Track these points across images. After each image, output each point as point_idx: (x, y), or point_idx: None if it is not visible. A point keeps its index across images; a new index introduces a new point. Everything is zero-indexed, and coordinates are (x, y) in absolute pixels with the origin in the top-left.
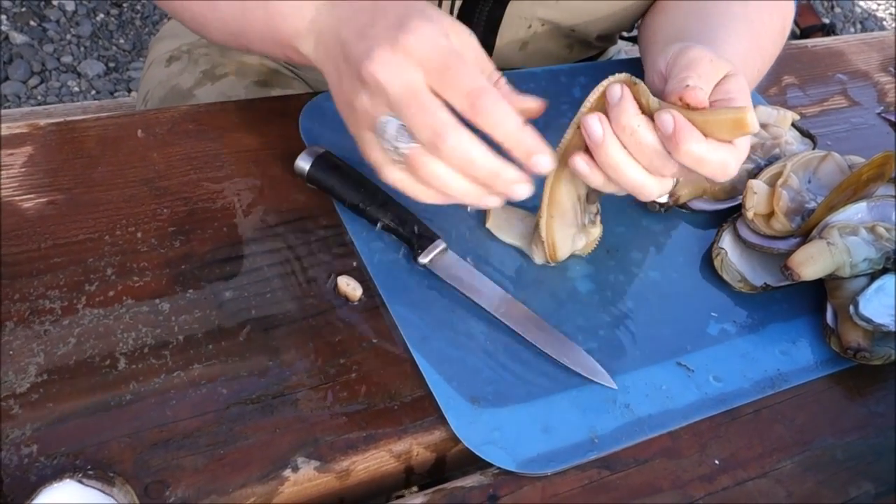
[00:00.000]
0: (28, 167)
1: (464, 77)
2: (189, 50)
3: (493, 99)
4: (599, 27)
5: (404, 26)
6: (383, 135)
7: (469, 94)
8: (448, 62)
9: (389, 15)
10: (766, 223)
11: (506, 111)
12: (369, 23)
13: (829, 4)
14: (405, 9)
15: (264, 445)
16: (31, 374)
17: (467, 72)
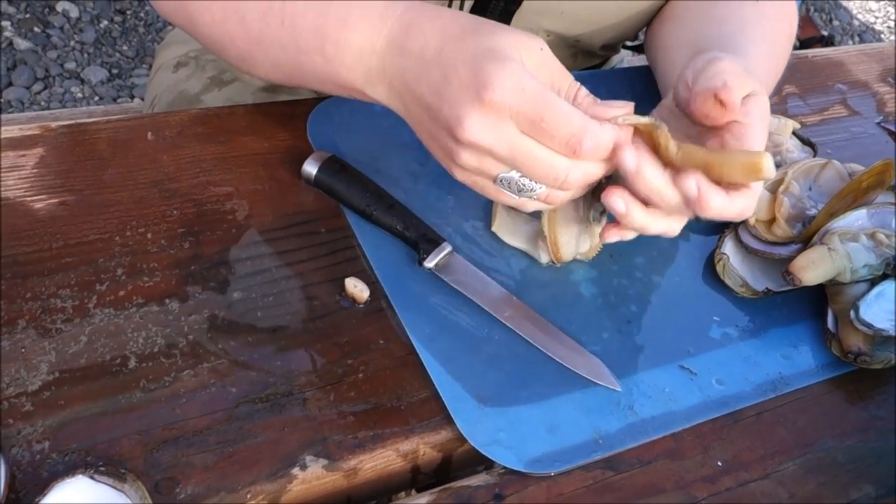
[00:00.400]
0: (40, 168)
1: (558, 126)
2: (197, 56)
3: (591, 141)
4: (603, 37)
5: (482, 81)
6: (507, 187)
7: (568, 145)
8: (538, 112)
9: (460, 69)
10: (767, 229)
11: (604, 144)
12: (442, 80)
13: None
14: (474, 57)
15: (273, 444)
16: (43, 372)
17: (559, 119)
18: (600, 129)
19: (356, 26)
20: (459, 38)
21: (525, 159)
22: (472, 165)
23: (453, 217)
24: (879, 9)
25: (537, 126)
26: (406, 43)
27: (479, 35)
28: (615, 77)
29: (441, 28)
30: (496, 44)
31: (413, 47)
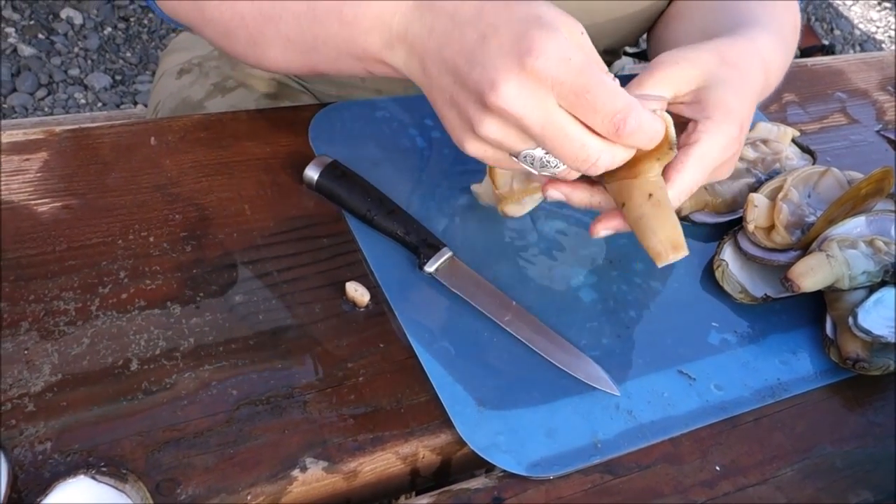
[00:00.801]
0: (44, 172)
1: (604, 101)
2: (200, 62)
3: (635, 121)
4: (604, 41)
5: (527, 46)
6: (529, 164)
7: (612, 122)
8: (584, 84)
9: (502, 30)
10: (766, 236)
11: (646, 127)
12: (478, 42)
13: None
14: (519, 21)
15: (273, 446)
16: (46, 374)
17: (606, 93)
18: (646, 112)
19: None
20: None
21: (556, 135)
22: (494, 137)
23: (453, 221)
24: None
25: (581, 99)
26: (435, 2)
27: (523, 1)
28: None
29: None
30: (543, 13)
31: (446, 5)
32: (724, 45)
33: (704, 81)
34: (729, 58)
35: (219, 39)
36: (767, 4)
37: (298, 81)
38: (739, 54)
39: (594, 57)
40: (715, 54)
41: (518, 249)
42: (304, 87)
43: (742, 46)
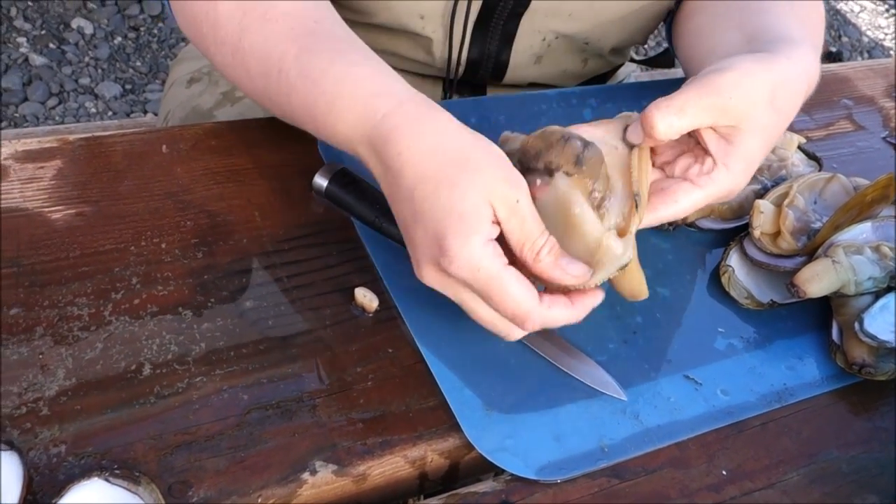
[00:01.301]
0: (57, 180)
1: (505, 306)
2: (209, 72)
3: (532, 325)
4: (612, 40)
5: (443, 250)
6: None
7: (514, 319)
8: (488, 291)
9: (427, 225)
10: (772, 242)
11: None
12: (412, 220)
13: (836, 34)
14: (439, 222)
15: (283, 449)
16: (60, 378)
17: (507, 301)
18: (548, 311)
19: (340, 116)
20: (433, 185)
21: (474, 315)
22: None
23: None
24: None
25: (487, 299)
26: (385, 156)
27: (453, 188)
28: (621, 91)
29: (418, 159)
30: (466, 208)
31: (390, 165)
32: (783, 80)
33: (744, 123)
34: (779, 100)
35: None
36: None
37: None
38: (788, 96)
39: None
40: (769, 93)
41: None
42: None
43: (795, 82)
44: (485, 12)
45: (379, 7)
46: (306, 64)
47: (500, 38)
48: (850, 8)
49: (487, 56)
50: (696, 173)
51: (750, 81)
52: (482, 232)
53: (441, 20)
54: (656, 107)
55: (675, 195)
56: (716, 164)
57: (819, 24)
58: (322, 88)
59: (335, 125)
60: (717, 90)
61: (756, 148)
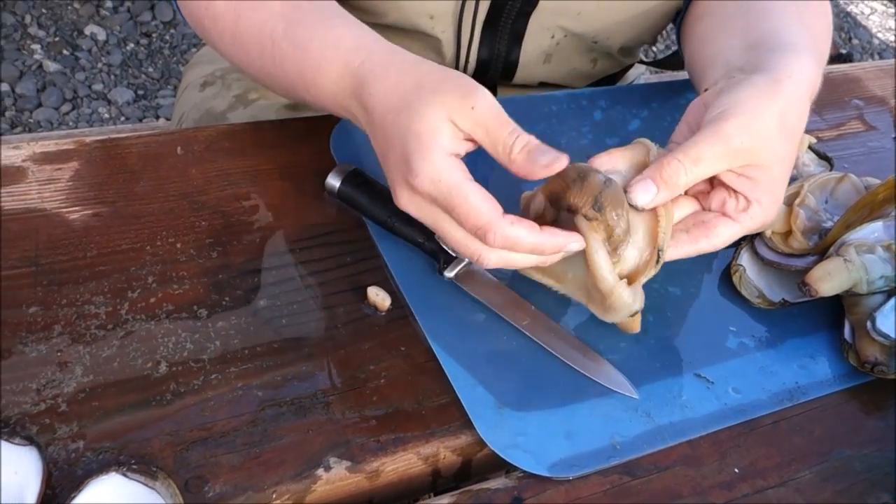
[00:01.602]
0: (74, 181)
1: (467, 217)
2: (222, 75)
3: (498, 233)
4: (621, 39)
5: (408, 166)
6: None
7: (478, 234)
8: (450, 202)
9: (395, 145)
10: (783, 241)
11: (514, 238)
12: (385, 146)
13: (846, 36)
14: (402, 140)
15: (298, 445)
16: (78, 375)
17: (468, 211)
18: (510, 227)
19: (326, 73)
20: (395, 113)
21: (445, 235)
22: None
23: None
24: None
25: (451, 213)
26: (361, 99)
27: (410, 111)
28: (631, 93)
29: (384, 95)
30: (424, 126)
31: (366, 105)
32: (788, 106)
33: (762, 160)
34: (788, 125)
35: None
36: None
37: None
38: (796, 117)
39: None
40: (778, 123)
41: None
42: None
43: (801, 101)
44: (493, 11)
45: (389, 7)
46: (294, 34)
47: (509, 37)
48: (861, 10)
49: (497, 55)
50: (734, 209)
51: (757, 123)
52: (441, 146)
53: (451, 20)
54: (673, 161)
55: (717, 229)
56: (749, 202)
57: (825, 28)
58: (310, 54)
59: (324, 84)
60: (727, 138)
61: (778, 178)
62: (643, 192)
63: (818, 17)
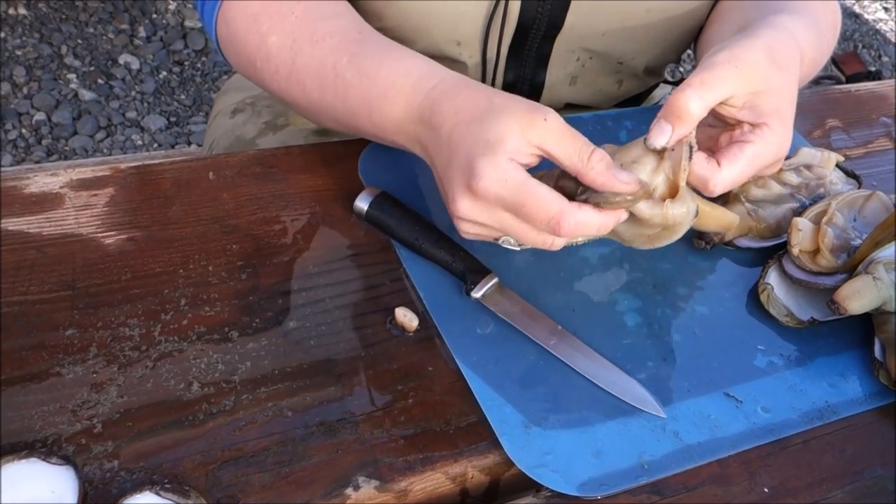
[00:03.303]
0: (110, 206)
1: (538, 210)
2: (253, 102)
3: (568, 224)
4: (646, 59)
5: (472, 171)
6: (510, 244)
7: (549, 224)
8: (519, 199)
9: (461, 155)
10: (811, 260)
11: (584, 222)
12: (448, 161)
13: (876, 54)
14: (470, 149)
15: (327, 465)
16: (113, 395)
17: (537, 205)
18: (579, 212)
19: (395, 100)
20: (465, 125)
21: (514, 233)
22: (470, 232)
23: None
24: None
25: (519, 212)
26: (430, 120)
27: (482, 123)
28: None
29: (455, 111)
30: (493, 134)
31: (434, 124)
32: (771, 43)
33: (759, 86)
34: (777, 58)
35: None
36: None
37: None
38: (784, 53)
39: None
40: (765, 54)
41: (563, 275)
42: None
43: (785, 42)
44: (519, 36)
45: (418, 35)
46: (360, 65)
47: (534, 61)
48: (890, 28)
49: (523, 78)
50: (741, 134)
51: (745, 52)
52: (508, 151)
53: (477, 45)
54: (681, 93)
55: (734, 157)
56: (756, 125)
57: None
58: (377, 81)
59: (390, 110)
60: (719, 65)
61: (782, 104)
62: (659, 133)
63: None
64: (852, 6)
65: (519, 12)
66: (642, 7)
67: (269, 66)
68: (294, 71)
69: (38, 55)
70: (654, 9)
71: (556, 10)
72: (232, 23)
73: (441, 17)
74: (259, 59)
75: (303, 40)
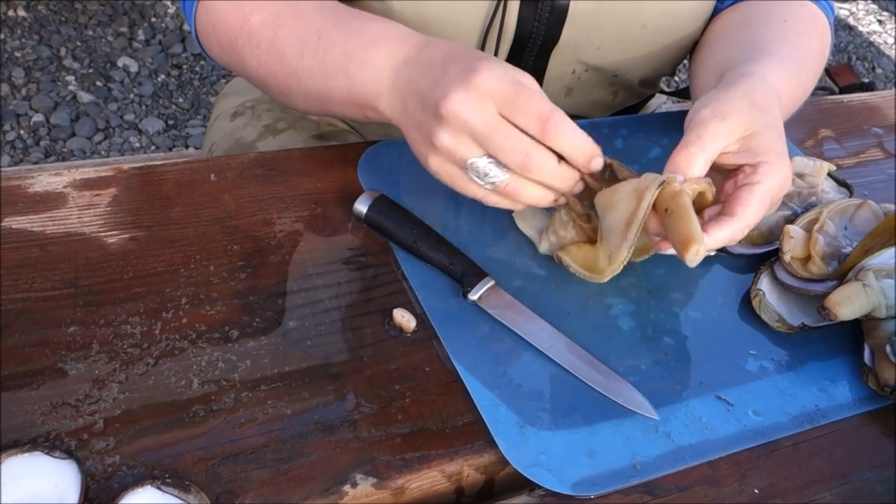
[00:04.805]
0: (112, 206)
1: (532, 103)
2: (252, 106)
3: (561, 120)
4: (641, 72)
5: (473, 68)
6: (476, 173)
7: (539, 117)
8: (516, 91)
9: (458, 62)
10: (802, 266)
11: (571, 128)
12: (441, 72)
13: (870, 65)
14: (472, 54)
15: (325, 462)
16: (114, 392)
17: (533, 98)
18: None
19: (382, 45)
20: (464, 49)
21: (497, 131)
22: (447, 145)
23: (501, 250)
24: None
25: (513, 103)
26: (420, 55)
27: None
28: (652, 121)
29: (451, 44)
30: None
31: (424, 58)
32: (749, 89)
33: (747, 130)
34: (758, 101)
35: (258, 87)
36: (791, 32)
37: (346, 122)
38: (762, 96)
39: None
40: (746, 100)
41: (559, 278)
42: (352, 128)
43: (760, 87)
44: (516, 48)
45: None
46: (348, 24)
47: (531, 72)
48: (884, 40)
49: None
50: (745, 177)
51: (725, 104)
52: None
53: None
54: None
55: (741, 198)
56: (755, 165)
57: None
58: (365, 33)
59: (373, 57)
60: (708, 120)
61: (773, 141)
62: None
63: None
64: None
65: (516, 26)
66: (637, 23)
67: (250, 42)
68: (275, 41)
69: (37, 57)
70: (650, 24)
71: (552, 24)
72: (213, 10)
73: (439, 31)
74: (241, 36)
75: (286, 14)
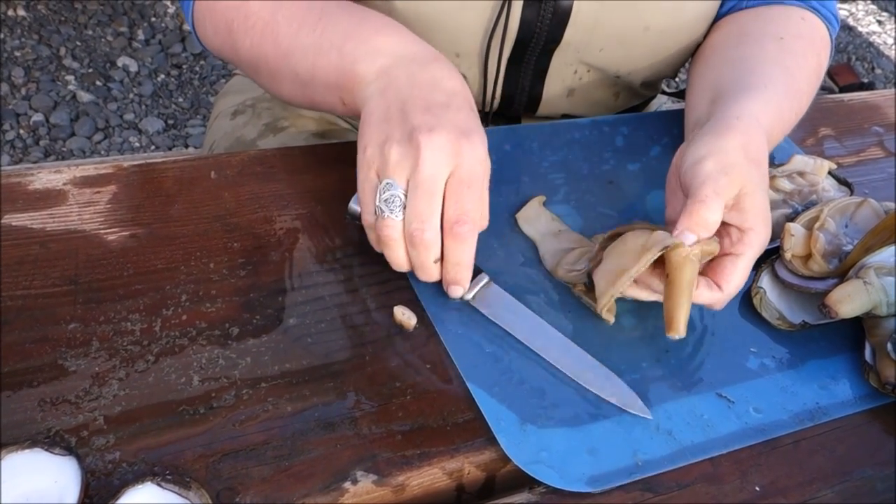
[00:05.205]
0: (112, 204)
1: (471, 199)
2: (253, 104)
3: (470, 231)
4: (643, 74)
5: (468, 129)
6: (387, 192)
7: (462, 215)
8: (474, 180)
9: (460, 113)
10: (803, 264)
11: (469, 246)
12: (443, 105)
13: (869, 66)
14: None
15: (326, 459)
16: (114, 388)
17: (476, 199)
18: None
19: (389, 34)
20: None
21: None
22: (393, 159)
23: (499, 250)
24: None
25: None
26: (428, 64)
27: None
28: (652, 120)
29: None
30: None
31: (433, 72)
32: (745, 140)
33: (742, 187)
34: (752, 153)
35: (249, 74)
36: (787, 52)
37: (347, 120)
38: (756, 147)
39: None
40: (743, 153)
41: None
42: (352, 125)
43: (754, 135)
44: (518, 49)
45: None
46: (352, 8)
47: (532, 74)
48: (884, 41)
49: (521, 90)
50: (731, 245)
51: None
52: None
53: (476, 58)
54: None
55: (726, 269)
56: (743, 231)
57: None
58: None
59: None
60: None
61: (761, 201)
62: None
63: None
64: (846, 19)
65: (518, 27)
66: (640, 25)
67: (246, 23)
68: (271, 23)
69: (36, 56)
70: (653, 27)
71: (555, 25)
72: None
73: (441, 30)
74: (238, 18)
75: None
